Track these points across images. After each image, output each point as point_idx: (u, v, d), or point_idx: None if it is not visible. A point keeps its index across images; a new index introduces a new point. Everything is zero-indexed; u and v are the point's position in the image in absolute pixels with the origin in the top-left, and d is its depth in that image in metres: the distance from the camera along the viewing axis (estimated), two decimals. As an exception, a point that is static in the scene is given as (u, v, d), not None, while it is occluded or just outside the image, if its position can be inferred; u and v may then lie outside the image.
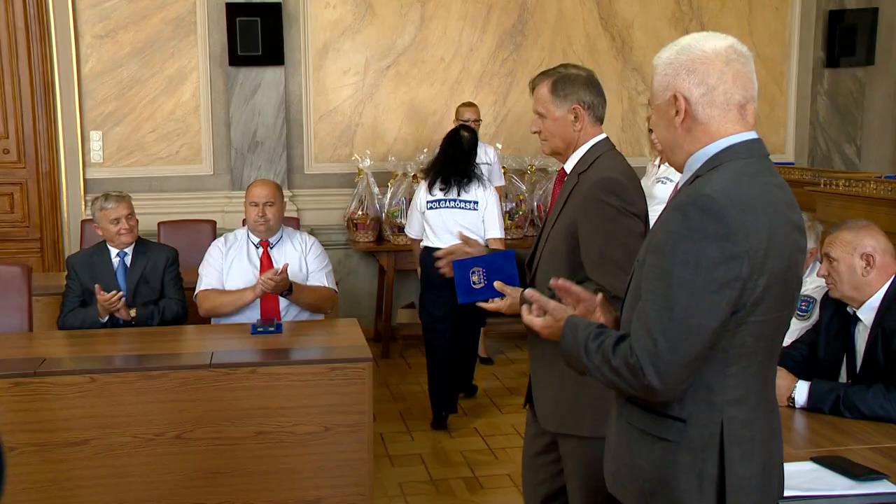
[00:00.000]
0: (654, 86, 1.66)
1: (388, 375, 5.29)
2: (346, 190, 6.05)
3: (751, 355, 1.57)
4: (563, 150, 2.43)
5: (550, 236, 2.41)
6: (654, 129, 1.70)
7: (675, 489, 1.58)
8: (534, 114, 2.45)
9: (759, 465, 1.60)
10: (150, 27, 5.81)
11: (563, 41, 6.30)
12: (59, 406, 3.04)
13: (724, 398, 1.56)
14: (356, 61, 6.11)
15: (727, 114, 1.60)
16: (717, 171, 1.57)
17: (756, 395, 1.61)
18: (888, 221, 3.77)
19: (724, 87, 1.59)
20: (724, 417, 1.56)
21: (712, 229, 1.47)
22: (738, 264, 1.48)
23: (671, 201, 1.62)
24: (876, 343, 2.59)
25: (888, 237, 2.73)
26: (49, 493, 3.06)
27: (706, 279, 1.47)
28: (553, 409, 2.39)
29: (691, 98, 1.60)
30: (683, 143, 1.63)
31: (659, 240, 1.54)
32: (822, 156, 6.79)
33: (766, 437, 1.63)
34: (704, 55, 1.60)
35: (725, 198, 1.49)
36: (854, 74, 6.69)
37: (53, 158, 5.76)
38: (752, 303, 1.52)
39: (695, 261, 1.48)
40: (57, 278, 4.50)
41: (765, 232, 1.51)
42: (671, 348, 1.49)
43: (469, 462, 4.05)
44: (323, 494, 3.23)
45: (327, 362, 3.21)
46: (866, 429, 2.42)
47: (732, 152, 1.59)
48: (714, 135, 1.60)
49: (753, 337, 1.56)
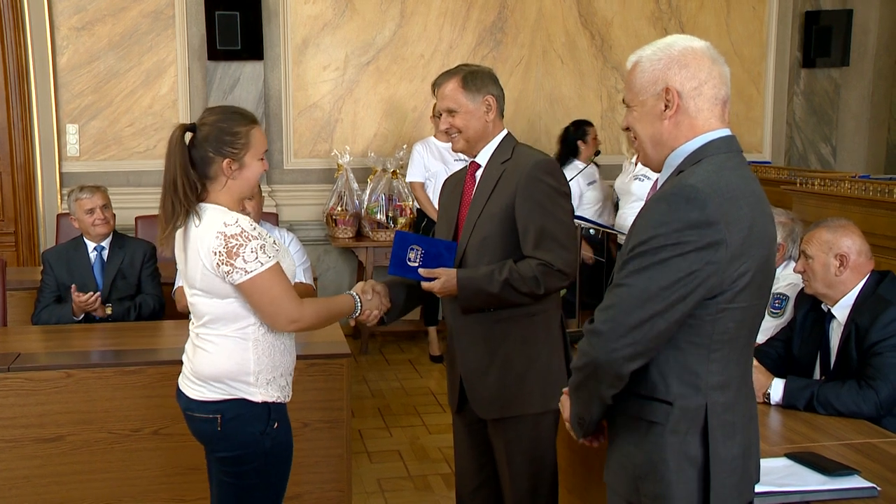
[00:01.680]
0: (636, 82, 1.69)
1: (367, 371, 5.27)
2: (325, 186, 6.03)
3: (733, 342, 1.63)
4: (475, 143, 2.52)
5: (478, 225, 2.46)
6: (632, 126, 1.72)
7: (664, 470, 1.63)
8: (441, 113, 2.53)
9: (740, 448, 1.66)
10: (128, 20, 5.75)
11: (542, 39, 6.31)
12: (34, 402, 3.01)
13: (709, 383, 1.62)
14: (336, 57, 6.09)
15: (714, 108, 1.65)
16: (700, 164, 1.62)
17: (737, 380, 1.67)
18: (862, 220, 3.82)
19: (712, 83, 1.65)
20: (708, 401, 1.62)
21: (695, 217, 1.53)
22: (713, 251, 1.53)
23: (655, 193, 1.66)
24: (849, 340, 2.62)
25: (863, 236, 2.77)
26: (23, 489, 3.03)
27: (682, 262, 1.53)
28: (497, 395, 2.48)
29: (683, 91, 1.64)
30: (668, 138, 1.67)
31: (642, 228, 1.59)
32: (798, 155, 6.86)
33: (745, 422, 1.69)
34: (694, 51, 1.66)
35: (709, 188, 1.55)
36: (829, 75, 6.76)
37: (28, 151, 5.69)
38: (735, 290, 1.58)
39: (673, 245, 1.53)
40: (32, 273, 4.46)
41: (746, 222, 1.57)
42: (625, 310, 1.56)
43: (447, 458, 4.06)
44: (301, 490, 3.22)
45: (305, 358, 3.20)
46: (839, 425, 2.45)
47: (713, 147, 1.64)
48: (698, 129, 1.65)
49: (735, 324, 1.61)
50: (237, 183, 2.22)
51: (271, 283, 2.16)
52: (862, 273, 2.70)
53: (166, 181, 2.19)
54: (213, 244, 2.13)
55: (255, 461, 2.24)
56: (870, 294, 2.66)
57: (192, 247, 2.19)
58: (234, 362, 2.22)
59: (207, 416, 2.24)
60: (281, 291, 2.17)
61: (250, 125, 2.24)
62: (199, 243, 2.16)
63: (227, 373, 2.22)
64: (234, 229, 2.13)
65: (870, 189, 4.18)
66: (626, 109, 1.74)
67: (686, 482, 1.62)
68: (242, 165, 2.21)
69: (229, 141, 2.19)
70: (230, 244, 2.12)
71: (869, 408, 2.48)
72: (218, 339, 2.23)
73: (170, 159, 2.19)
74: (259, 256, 2.14)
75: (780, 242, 3.13)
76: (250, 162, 2.22)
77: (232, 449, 2.24)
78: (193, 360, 2.28)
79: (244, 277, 2.14)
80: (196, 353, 2.27)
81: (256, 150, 2.23)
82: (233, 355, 2.22)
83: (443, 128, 2.57)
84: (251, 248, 2.13)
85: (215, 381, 2.23)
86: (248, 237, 2.14)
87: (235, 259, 2.12)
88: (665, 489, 1.63)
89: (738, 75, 6.65)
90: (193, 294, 2.25)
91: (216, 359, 2.23)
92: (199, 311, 2.26)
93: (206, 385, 2.24)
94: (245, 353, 2.22)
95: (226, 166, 2.19)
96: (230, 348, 2.22)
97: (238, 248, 2.12)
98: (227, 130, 2.20)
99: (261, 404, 2.24)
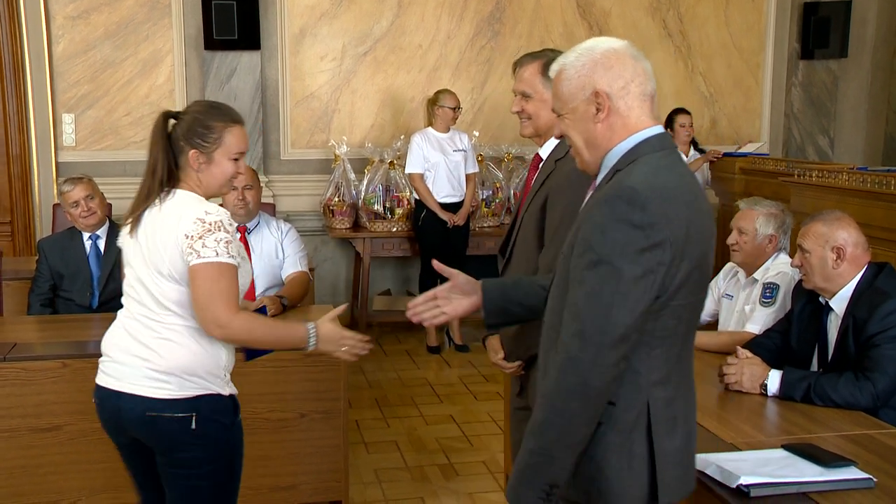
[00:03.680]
0: (564, 90, 1.71)
1: (364, 362, 5.26)
2: (322, 176, 6.01)
3: (672, 337, 1.66)
4: (543, 133, 2.44)
5: (524, 222, 2.42)
6: (566, 133, 1.74)
7: (606, 468, 1.64)
8: (516, 94, 2.45)
9: (682, 440, 1.70)
10: (124, 9, 5.73)
11: (540, 29, 6.29)
12: (30, 391, 3.01)
13: (650, 379, 1.64)
14: (333, 47, 6.07)
15: (643, 105, 1.69)
16: (637, 164, 1.64)
17: (677, 374, 1.69)
18: (860, 212, 3.81)
19: (638, 80, 1.68)
20: (650, 398, 1.64)
21: (637, 219, 1.55)
22: (660, 251, 1.56)
23: (594, 195, 1.68)
24: (847, 332, 2.62)
25: (860, 228, 2.77)
26: (19, 479, 3.03)
27: (633, 265, 1.54)
28: None
29: (612, 92, 1.67)
30: (602, 140, 1.69)
31: (587, 233, 1.60)
32: (796, 147, 6.86)
33: (686, 413, 1.72)
34: (616, 51, 1.69)
35: (648, 189, 1.58)
36: (828, 66, 6.75)
37: (24, 141, 5.67)
38: (675, 287, 1.60)
39: (621, 249, 1.55)
40: (28, 263, 4.45)
41: (684, 220, 1.59)
42: (600, 329, 1.55)
43: (444, 449, 4.07)
44: (298, 481, 3.22)
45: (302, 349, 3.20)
46: (836, 416, 2.45)
47: (648, 146, 1.67)
48: (632, 128, 1.68)
49: (675, 320, 1.64)
50: (204, 177, 2.17)
51: (218, 277, 2.07)
52: (859, 265, 2.70)
53: (148, 166, 2.17)
54: (190, 228, 2.08)
55: (226, 457, 2.19)
56: (867, 286, 2.66)
57: (162, 231, 2.13)
58: (208, 355, 2.15)
59: (180, 415, 2.12)
60: (221, 291, 2.08)
61: (229, 123, 2.18)
62: (173, 228, 2.11)
63: (202, 365, 2.14)
64: (214, 218, 2.10)
65: (868, 181, 4.17)
66: (558, 118, 1.75)
67: (633, 479, 1.64)
68: (210, 161, 2.16)
69: (201, 133, 2.16)
70: (203, 229, 2.08)
71: (866, 399, 2.48)
72: (187, 332, 2.14)
73: (151, 145, 2.18)
74: (220, 248, 2.08)
75: (772, 234, 3.14)
76: (219, 159, 2.17)
77: (205, 448, 2.15)
78: (157, 354, 2.13)
79: (196, 260, 2.07)
80: (160, 346, 2.14)
81: (228, 149, 2.17)
82: (206, 348, 2.15)
83: (514, 110, 2.47)
84: (217, 239, 2.08)
85: (190, 374, 2.13)
86: (221, 229, 2.10)
87: (197, 242, 2.07)
88: (610, 487, 1.64)
89: (736, 66, 6.64)
90: (158, 282, 2.14)
91: (189, 351, 2.13)
92: (162, 300, 2.14)
93: (177, 379, 2.12)
94: (217, 346, 2.17)
95: (192, 158, 2.15)
96: (202, 341, 2.15)
97: (206, 234, 2.08)
98: (201, 123, 2.17)
99: (228, 397, 2.21)
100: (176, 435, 2.13)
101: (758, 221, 3.16)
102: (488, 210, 5.98)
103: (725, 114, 6.69)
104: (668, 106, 6.09)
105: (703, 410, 2.50)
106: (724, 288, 3.37)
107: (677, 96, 6.45)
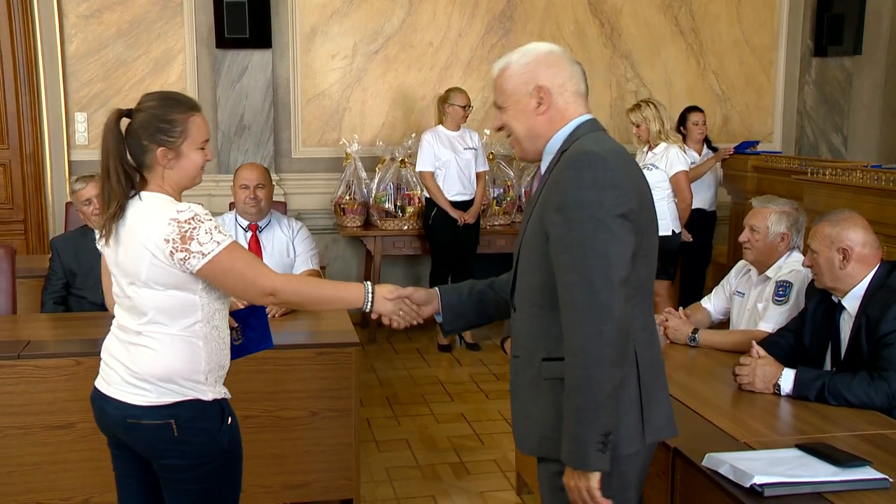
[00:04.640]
0: (508, 85, 1.89)
1: (375, 360, 5.27)
2: (333, 174, 6.02)
3: (645, 286, 1.85)
4: None
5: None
6: (507, 125, 1.91)
7: None
8: None
9: (661, 382, 1.90)
10: (137, 7, 5.75)
11: (552, 27, 6.28)
12: (44, 389, 3.02)
13: (635, 326, 1.80)
14: (344, 45, 6.07)
15: (578, 101, 1.90)
16: (581, 139, 1.83)
17: (651, 322, 1.90)
18: (873, 210, 3.79)
19: (574, 80, 1.89)
20: (636, 343, 1.81)
21: (601, 175, 1.73)
22: (629, 200, 1.74)
23: (555, 167, 1.83)
24: (860, 331, 2.61)
25: (874, 226, 2.75)
26: (33, 476, 3.05)
27: (614, 216, 1.71)
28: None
29: (552, 88, 1.87)
30: (543, 130, 1.88)
31: (561, 199, 1.74)
32: (809, 145, 6.82)
33: (658, 354, 1.91)
34: (555, 53, 1.90)
35: (603, 150, 1.78)
36: (841, 64, 6.71)
37: (37, 139, 5.70)
38: (641, 234, 1.77)
39: (598, 203, 1.71)
40: (41, 261, 4.47)
41: (634, 176, 1.82)
42: (604, 274, 1.70)
43: (455, 447, 4.06)
44: (309, 479, 3.23)
45: (313, 347, 3.21)
46: (850, 416, 2.44)
47: (585, 127, 1.88)
48: (568, 117, 1.88)
49: (646, 269, 1.83)
50: (174, 173, 2.08)
51: (232, 259, 2.02)
52: (869, 264, 2.68)
53: (102, 170, 2.06)
54: (166, 231, 1.99)
55: (215, 461, 2.13)
56: (880, 285, 2.64)
57: (133, 238, 2.03)
58: (186, 361, 2.07)
59: (159, 422, 2.07)
60: (244, 265, 2.03)
61: (189, 112, 2.08)
62: (146, 233, 2.01)
63: (178, 372, 2.07)
64: (187, 214, 2.01)
65: (882, 179, 4.14)
66: (498, 111, 1.93)
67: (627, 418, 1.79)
68: (179, 155, 2.06)
69: (164, 129, 2.04)
70: (183, 229, 1.99)
71: (881, 398, 2.47)
72: (165, 339, 2.07)
73: (105, 146, 2.05)
74: (214, 236, 2.01)
75: (784, 232, 3.12)
76: (188, 151, 2.07)
77: (188, 455, 2.09)
78: (134, 361, 2.08)
79: (203, 261, 1.99)
80: (137, 353, 2.08)
81: (194, 139, 2.07)
82: (183, 354, 2.07)
83: None
84: (205, 230, 2.01)
85: (166, 381, 2.06)
86: (200, 220, 2.01)
87: (190, 243, 1.99)
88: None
89: (748, 64, 6.61)
90: (134, 289, 2.07)
91: (164, 358, 2.07)
92: (140, 307, 2.07)
93: (154, 387, 2.06)
94: (196, 352, 2.09)
95: (160, 155, 2.04)
96: (179, 347, 2.07)
97: (192, 232, 1.99)
98: (162, 118, 2.05)
99: (213, 402, 2.13)
100: (157, 442, 2.09)
101: (770, 219, 3.14)
102: (499, 208, 5.97)
103: (738, 111, 6.66)
104: (680, 104, 6.06)
105: (717, 409, 2.50)
106: (736, 285, 3.35)
107: (689, 94, 6.42)
